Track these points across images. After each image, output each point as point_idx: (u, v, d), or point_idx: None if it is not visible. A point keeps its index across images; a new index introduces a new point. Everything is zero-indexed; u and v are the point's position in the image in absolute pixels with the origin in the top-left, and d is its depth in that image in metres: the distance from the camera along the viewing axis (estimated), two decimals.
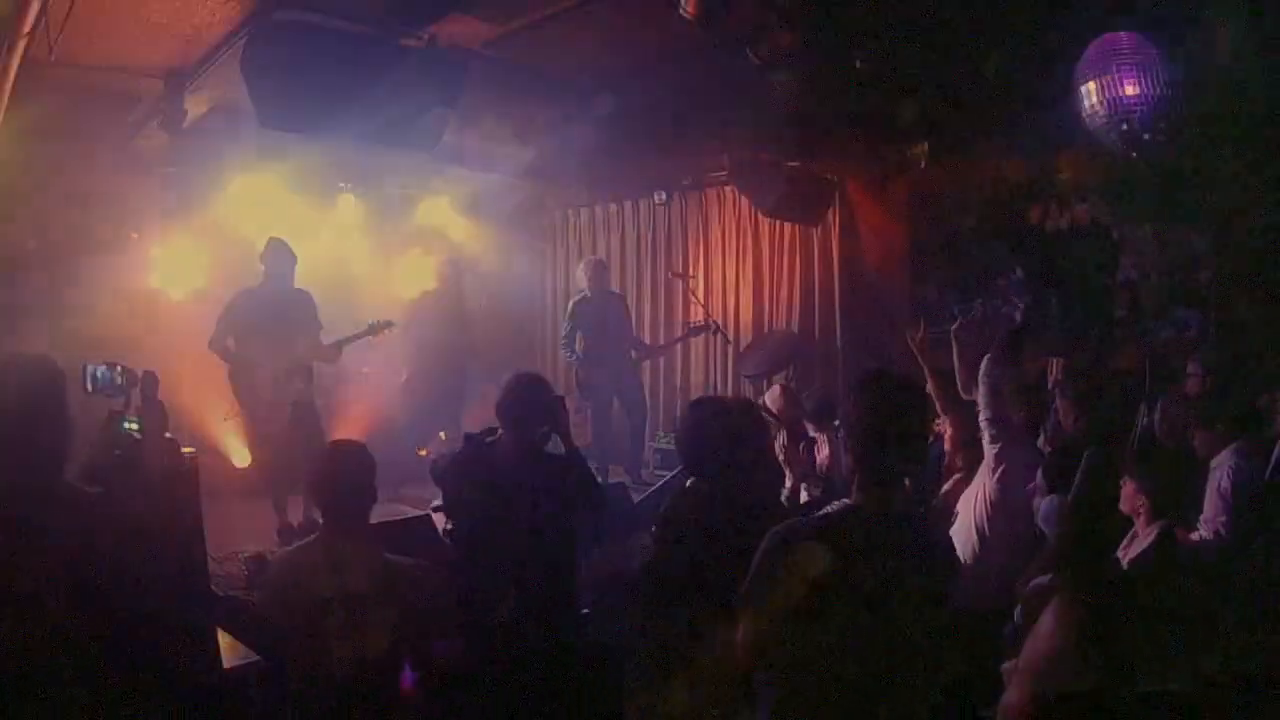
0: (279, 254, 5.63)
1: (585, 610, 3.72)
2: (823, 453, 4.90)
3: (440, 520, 4.17)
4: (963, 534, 3.42)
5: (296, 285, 5.77)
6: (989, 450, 3.43)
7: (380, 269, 8.04)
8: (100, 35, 4.15)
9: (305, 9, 3.92)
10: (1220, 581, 2.84)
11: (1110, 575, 2.36)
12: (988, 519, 3.39)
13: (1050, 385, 4.64)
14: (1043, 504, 3.18)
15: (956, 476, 3.88)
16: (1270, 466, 3.42)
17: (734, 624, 2.06)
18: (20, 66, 3.84)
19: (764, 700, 2.07)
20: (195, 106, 4.87)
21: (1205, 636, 2.24)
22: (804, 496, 3.81)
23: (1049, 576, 2.69)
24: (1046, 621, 1.44)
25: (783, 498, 3.76)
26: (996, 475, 3.40)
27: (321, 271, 6.79)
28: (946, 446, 4.00)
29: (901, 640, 1.95)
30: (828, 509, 2.14)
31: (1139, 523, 3.03)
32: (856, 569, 1.93)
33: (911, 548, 2.04)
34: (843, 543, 1.96)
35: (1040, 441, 3.91)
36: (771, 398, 4.44)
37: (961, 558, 3.30)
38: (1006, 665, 1.68)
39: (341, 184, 7.60)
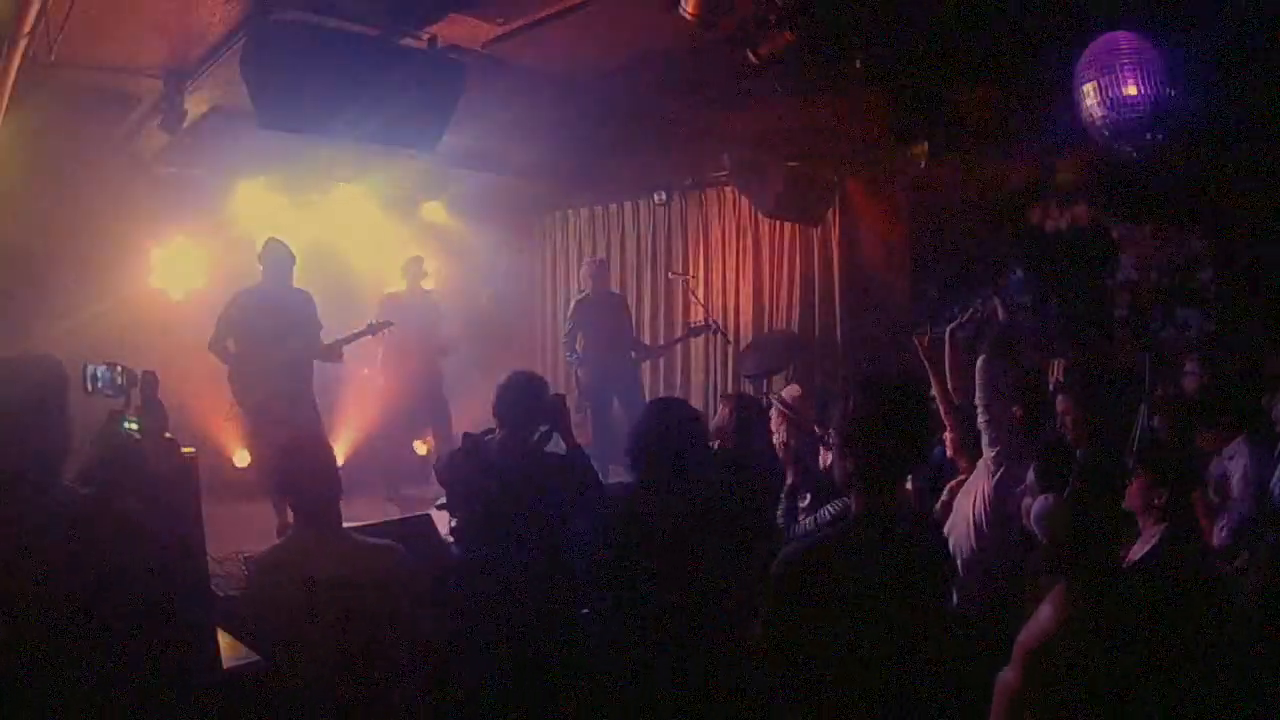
0: (277, 254, 5.63)
1: (585, 610, 3.72)
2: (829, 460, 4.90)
3: (445, 518, 4.18)
4: (959, 533, 3.42)
5: (296, 285, 5.78)
6: (988, 452, 3.43)
7: (380, 269, 8.06)
8: (100, 35, 4.14)
9: (305, 9, 3.92)
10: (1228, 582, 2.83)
11: (1110, 571, 2.35)
12: (986, 519, 3.38)
13: (1051, 386, 4.63)
14: (1035, 504, 3.17)
15: (959, 479, 3.87)
16: (1275, 462, 3.43)
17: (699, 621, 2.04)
18: (20, 66, 3.84)
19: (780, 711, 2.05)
20: (195, 106, 4.86)
21: (1209, 636, 2.24)
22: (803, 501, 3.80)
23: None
24: (1045, 610, 1.45)
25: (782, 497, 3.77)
26: (996, 477, 3.39)
27: (321, 272, 6.80)
28: (949, 452, 4.00)
29: (909, 644, 1.93)
30: (826, 520, 2.14)
31: (1145, 521, 3.02)
32: (863, 579, 1.91)
33: (913, 551, 2.02)
34: (847, 556, 1.94)
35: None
36: (790, 394, 4.43)
37: (957, 556, 3.30)
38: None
39: (341, 184, 7.61)
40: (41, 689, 2.04)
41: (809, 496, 3.77)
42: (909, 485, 4.16)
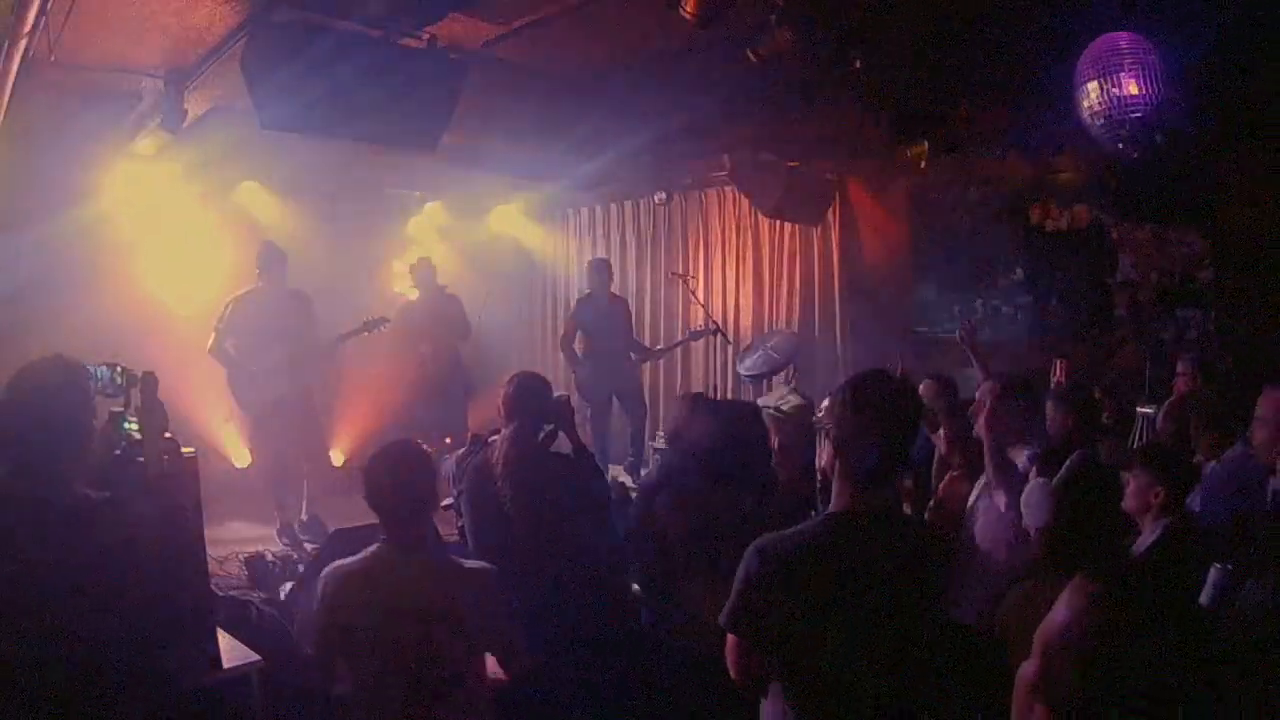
0: (271, 256, 5.67)
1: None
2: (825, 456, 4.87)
3: (448, 519, 4.18)
4: (993, 536, 3.33)
5: (293, 286, 5.80)
6: (998, 494, 3.32)
7: (379, 270, 8.08)
8: (100, 35, 4.15)
9: (305, 9, 3.92)
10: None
11: (1117, 564, 2.34)
12: (1014, 536, 3.31)
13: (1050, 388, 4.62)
14: (1026, 489, 3.14)
15: (952, 474, 3.84)
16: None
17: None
18: (20, 66, 3.84)
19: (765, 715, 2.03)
20: (195, 106, 4.86)
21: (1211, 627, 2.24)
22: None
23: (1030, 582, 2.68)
24: (1062, 605, 1.44)
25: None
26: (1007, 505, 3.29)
27: (320, 272, 6.80)
28: (942, 448, 3.98)
29: (897, 645, 1.92)
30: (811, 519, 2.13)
31: (1146, 518, 3.01)
32: (842, 577, 1.89)
33: (899, 549, 1.99)
34: (825, 552, 1.92)
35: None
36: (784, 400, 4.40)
37: (986, 559, 3.26)
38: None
39: (340, 184, 7.61)
40: (44, 687, 2.04)
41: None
42: (908, 483, 4.14)
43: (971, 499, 3.50)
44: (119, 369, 2.75)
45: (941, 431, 3.92)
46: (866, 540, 1.95)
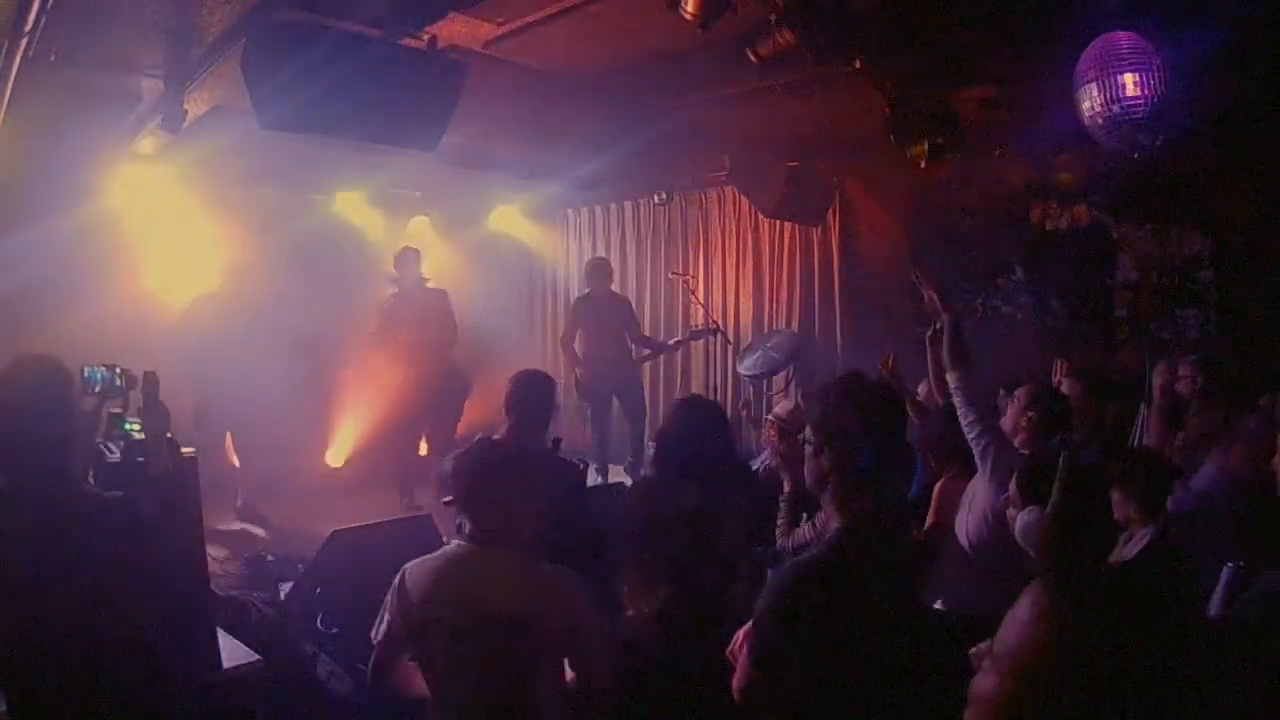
0: None
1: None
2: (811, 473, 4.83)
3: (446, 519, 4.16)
4: (978, 535, 3.33)
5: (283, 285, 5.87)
6: (980, 459, 3.32)
7: (379, 269, 8.05)
8: (100, 35, 4.14)
9: (305, 9, 3.92)
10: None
11: (1097, 575, 2.33)
12: (988, 527, 3.31)
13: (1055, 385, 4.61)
14: (1019, 518, 3.12)
15: (949, 474, 3.82)
16: None
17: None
18: (20, 66, 3.84)
19: None
20: (195, 106, 4.85)
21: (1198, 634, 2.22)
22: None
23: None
24: (1023, 609, 1.42)
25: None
26: (990, 484, 3.29)
27: (319, 271, 6.80)
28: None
29: (906, 656, 1.91)
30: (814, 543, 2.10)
31: (1132, 527, 3.01)
32: (862, 595, 1.86)
33: (896, 558, 1.97)
34: (843, 574, 1.88)
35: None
36: (785, 409, 4.39)
37: (964, 561, 3.26)
38: (975, 649, 1.66)
39: (340, 185, 7.61)
40: (46, 685, 2.04)
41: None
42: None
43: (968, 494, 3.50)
44: (119, 370, 2.75)
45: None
46: (875, 554, 1.91)
